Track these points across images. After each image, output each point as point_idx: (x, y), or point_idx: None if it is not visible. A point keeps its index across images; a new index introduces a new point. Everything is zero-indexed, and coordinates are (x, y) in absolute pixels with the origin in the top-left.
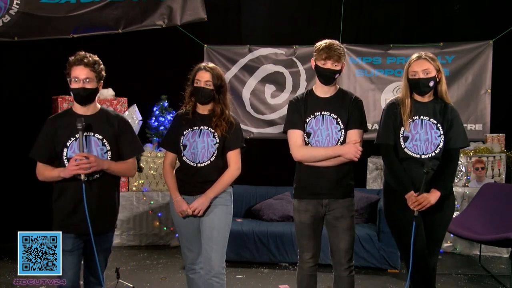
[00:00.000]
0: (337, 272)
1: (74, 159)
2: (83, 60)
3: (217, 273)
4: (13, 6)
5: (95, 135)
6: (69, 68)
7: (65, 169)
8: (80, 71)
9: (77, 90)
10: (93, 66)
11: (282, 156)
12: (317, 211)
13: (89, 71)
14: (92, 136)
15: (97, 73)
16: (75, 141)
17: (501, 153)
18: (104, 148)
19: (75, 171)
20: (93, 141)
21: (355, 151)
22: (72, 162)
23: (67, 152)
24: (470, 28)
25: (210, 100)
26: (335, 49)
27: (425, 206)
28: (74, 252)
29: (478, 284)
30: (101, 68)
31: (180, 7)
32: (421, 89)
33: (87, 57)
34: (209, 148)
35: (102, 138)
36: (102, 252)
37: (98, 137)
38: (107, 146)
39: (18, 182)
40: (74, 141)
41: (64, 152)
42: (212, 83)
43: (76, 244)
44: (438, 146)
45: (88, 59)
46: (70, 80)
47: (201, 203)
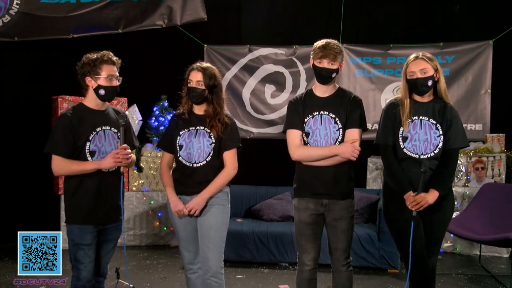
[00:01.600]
0: (335, 267)
1: (116, 152)
2: (113, 59)
3: (215, 273)
4: (13, 6)
5: (111, 129)
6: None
7: (105, 161)
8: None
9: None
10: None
11: (282, 156)
12: (316, 209)
13: (116, 70)
14: (109, 130)
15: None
16: (96, 135)
17: (501, 153)
18: (118, 141)
19: (119, 163)
20: (110, 135)
21: (352, 151)
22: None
23: (89, 146)
24: (470, 28)
25: (202, 100)
26: (330, 48)
27: (423, 206)
28: (92, 246)
29: (478, 284)
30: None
31: (180, 7)
32: (419, 89)
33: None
34: (205, 148)
35: (117, 132)
36: (112, 241)
37: (114, 131)
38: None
39: (18, 182)
40: (95, 135)
41: (87, 146)
42: (203, 83)
43: (93, 237)
44: (437, 146)
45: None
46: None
47: (197, 203)
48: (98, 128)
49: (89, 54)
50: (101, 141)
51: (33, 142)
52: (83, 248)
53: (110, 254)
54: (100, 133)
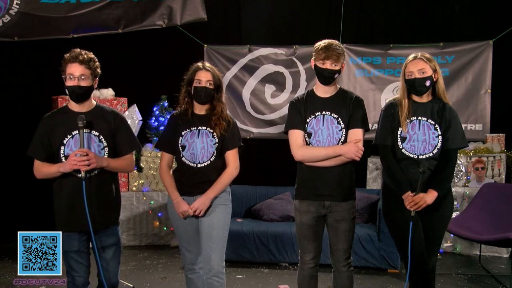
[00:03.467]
0: (336, 268)
1: (74, 153)
2: (78, 57)
3: (217, 273)
4: (13, 6)
5: (92, 132)
6: (64, 65)
7: (64, 164)
8: (75, 68)
9: (72, 87)
10: (88, 63)
11: (282, 156)
12: (318, 212)
13: (84, 68)
14: (89, 133)
15: (92, 70)
16: (72, 138)
17: (501, 153)
18: (101, 145)
19: (75, 166)
20: (90, 138)
21: (356, 150)
22: (72, 157)
23: (64, 150)
24: (470, 28)
25: (210, 99)
26: (333, 49)
27: (422, 206)
28: (81, 251)
29: (478, 284)
30: (97, 66)
31: (180, 7)
32: (418, 89)
33: (82, 54)
34: (209, 148)
35: (99, 135)
36: (110, 247)
37: (95, 133)
38: (104, 143)
39: (18, 182)
40: (70, 139)
41: (61, 150)
42: (213, 82)
43: (82, 243)
44: (435, 146)
45: (83, 56)
46: (65, 78)
47: (202, 203)
48: (75, 131)
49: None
50: (77, 144)
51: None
52: (72, 255)
53: (114, 262)
54: (76, 137)
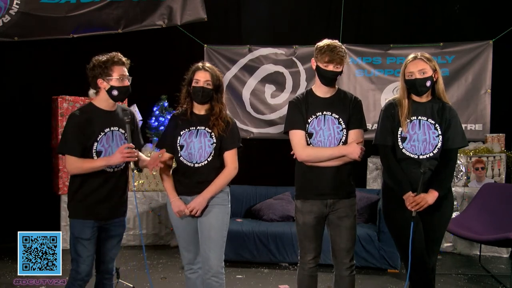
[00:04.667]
0: (338, 271)
1: (123, 147)
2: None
3: (216, 273)
4: (13, 6)
5: (119, 130)
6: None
7: (113, 157)
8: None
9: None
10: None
11: (282, 156)
12: (321, 211)
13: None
14: (117, 131)
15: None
16: (104, 135)
17: (501, 153)
18: (125, 142)
19: (127, 158)
20: (118, 136)
21: (359, 151)
22: (123, 150)
23: (96, 146)
24: (470, 28)
25: (209, 100)
26: (337, 51)
27: (423, 206)
28: (91, 240)
29: (478, 284)
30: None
31: (180, 7)
32: (418, 89)
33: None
34: (206, 148)
35: (124, 132)
36: (116, 237)
37: (121, 131)
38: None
39: (18, 182)
40: (103, 136)
41: (94, 146)
42: (211, 82)
43: (93, 232)
44: (436, 146)
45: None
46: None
47: (198, 203)
48: (107, 129)
49: (98, 56)
50: (109, 141)
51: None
52: (83, 242)
53: (114, 250)
54: (108, 134)
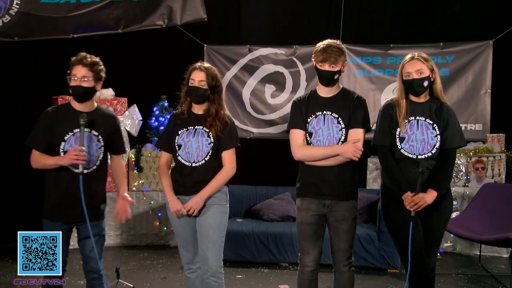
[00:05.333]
0: (337, 268)
1: (73, 149)
2: (82, 60)
3: (214, 273)
4: (13, 6)
5: (92, 131)
6: (70, 67)
7: (63, 158)
8: (78, 70)
9: (74, 87)
10: (91, 66)
11: (282, 156)
12: (319, 210)
13: (87, 71)
14: (89, 132)
15: (95, 73)
16: (73, 135)
17: (501, 153)
18: (98, 144)
19: (74, 160)
20: (90, 137)
21: (354, 150)
22: (72, 152)
23: (64, 146)
24: (470, 28)
25: (204, 99)
26: (331, 51)
27: (421, 206)
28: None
29: (478, 284)
30: (100, 69)
31: (180, 7)
32: (416, 90)
33: (87, 58)
34: (204, 148)
35: (98, 135)
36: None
37: (94, 133)
38: (101, 142)
39: (18, 182)
40: (71, 136)
41: (61, 145)
42: (206, 82)
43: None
44: (434, 146)
45: (87, 60)
46: (70, 78)
47: (195, 203)
48: (76, 129)
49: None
50: (77, 142)
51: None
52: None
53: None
54: (77, 134)
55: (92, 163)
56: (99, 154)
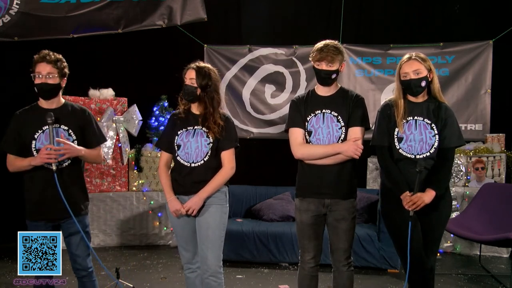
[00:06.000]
0: (336, 267)
1: (45, 148)
2: (46, 58)
3: (214, 272)
4: (13, 6)
5: (61, 126)
6: (34, 65)
7: (35, 158)
8: (43, 67)
9: (39, 85)
10: (56, 63)
11: (282, 156)
12: (318, 210)
13: (51, 67)
14: (58, 127)
15: (60, 70)
16: (42, 133)
17: (501, 153)
18: (70, 138)
19: (45, 159)
20: (60, 132)
21: (355, 149)
22: (43, 151)
23: (35, 144)
24: (470, 28)
25: (193, 98)
26: (328, 50)
27: (420, 205)
28: None
29: (478, 284)
30: (64, 66)
31: (180, 7)
32: (413, 90)
33: (50, 55)
34: (203, 148)
35: (68, 129)
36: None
37: (64, 128)
38: (73, 136)
39: (18, 182)
40: (41, 133)
41: (33, 144)
42: (196, 81)
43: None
44: (432, 146)
45: (51, 57)
46: (34, 76)
47: (195, 203)
48: (45, 126)
49: None
50: (47, 139)
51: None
52: None
53: (81, 247)
54: (46, 131)
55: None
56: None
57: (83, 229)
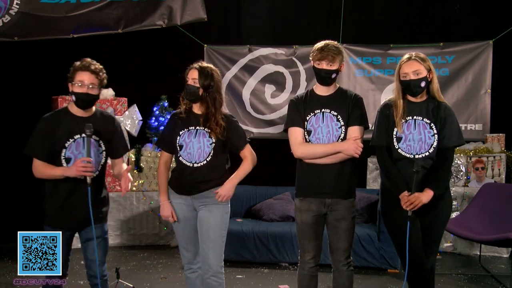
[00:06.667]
0: (336, 267)
1: (81, 160)
2: (90, 67)
3: (215, 272)
4: (13, 6)
5: (93, 137)
6: (74, 72)
7: (70, 169)
8: (87, 76)
9: (80, 94)
10: (98, 74)
11: (282, 156)
12: (319, 210)
13: (94, 78)
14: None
15: (100, 81)
16: (74, 142)
17: (501, 153)
18: (100, 149)
19: (82, 172)
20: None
21: (355, 147)
22: (78, 163)
23: (65, 153)
24: (470, 28)
25: (196, 98)
26: (328, 49)
27: (417, 205)
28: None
29: (478, 284)
30: (104, 77)
31: (180, 7)
32: (413, 90)
33: (94, 64)
34: (205, 149)
35: (99, 140)
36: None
37: (95, 138)
38: (103, 147)
39: (18, 182)
40: (72, 142)
41: (62, 153)
42: (198, 81)
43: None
44: (431, 145)
45: (95, 66)
46: (73, 84)
47: (227, 189)
48: (77, 135)
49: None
50: (78, 148)
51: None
52: None
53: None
54: (78, 141)
55: (95, 169)
56: (100, 159)
57: (102, 236)
